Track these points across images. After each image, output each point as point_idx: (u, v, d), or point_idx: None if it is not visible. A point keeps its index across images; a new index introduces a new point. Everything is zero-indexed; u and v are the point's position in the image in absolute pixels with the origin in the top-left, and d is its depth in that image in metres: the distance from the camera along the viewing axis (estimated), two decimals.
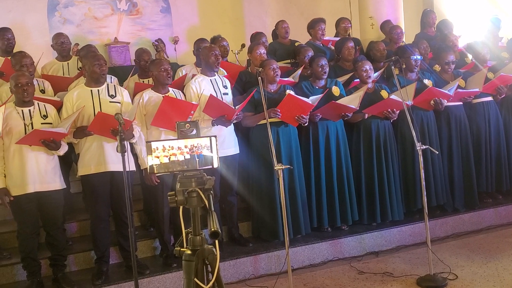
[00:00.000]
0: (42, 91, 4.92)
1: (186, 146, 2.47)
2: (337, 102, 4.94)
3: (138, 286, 3.59)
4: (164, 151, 2.45)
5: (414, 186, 5.35)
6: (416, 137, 4.32)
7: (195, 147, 2.47)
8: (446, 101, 5.31)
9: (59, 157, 4.36)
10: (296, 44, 6.47)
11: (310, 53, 5.68)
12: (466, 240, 5.30)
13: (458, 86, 5.42)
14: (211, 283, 2.49)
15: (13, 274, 4.57)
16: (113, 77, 5.25)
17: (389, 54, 5.87)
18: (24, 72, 4.31)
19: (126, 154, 3.48)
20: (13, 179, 4.11)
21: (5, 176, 4.12)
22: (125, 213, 3.82)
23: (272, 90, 4.97)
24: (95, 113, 4.22)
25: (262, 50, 5.41)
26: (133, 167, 4.41)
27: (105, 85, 4.43)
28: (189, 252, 2.52)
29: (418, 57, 5.40)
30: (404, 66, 5.32)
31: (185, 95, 4.82)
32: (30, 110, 4.17)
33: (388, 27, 6.84)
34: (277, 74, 4.92)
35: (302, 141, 5.14)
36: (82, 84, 4.52)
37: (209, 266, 2.53)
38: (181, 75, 5.34)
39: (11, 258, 4.69)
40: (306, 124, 4.92)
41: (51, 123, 4.23)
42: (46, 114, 4.24)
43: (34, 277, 4.29)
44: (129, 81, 5.21)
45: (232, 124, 4.82)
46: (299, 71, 5.53)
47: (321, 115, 4.99)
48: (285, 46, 6.55)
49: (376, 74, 5.50)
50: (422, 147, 4.26)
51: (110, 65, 7.73)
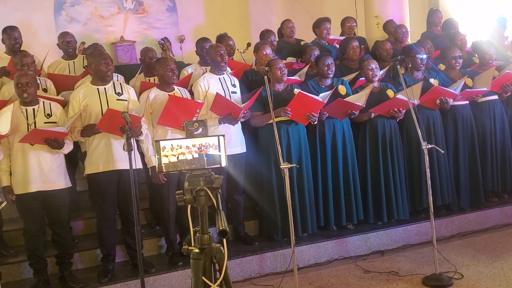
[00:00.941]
0: (45, 90, 4.92)
1: (194, 145, 2.49)
2: (343, 99, 4.94)
3: (144, 284, 3.60)
4: (172, 150, 2.47)
5: (419, 185, 5.35)
6: (422, 136, 4.31)
7: (204, 146, 2.49)
8: (452, 100, 5.30)
9: (64, 155, 4.37)
10: (301, 43, 6.47)
11: (316, 52, 5.69)
12: (471, 239, 5.29)
13: (465, 85, 5.41)
14: (219, 282, 2.51)
15: (20, 271, 4.59)
16: (119, 75, 5.26)
17: (394, 53, 5.86)
18: (26, 71, 4.29)
19: (133, 152, 3.49)
20: (16, 178, 4.13)
21: (10, 174, 4.14)
22: (131, 211, 3.83)
23: (279, 89, 4.98)
24: (102, 111, 4.22)
25: (268, 50, 5.41)
26: (140, 165, 4.42)
27: (111, 83, 4.43)
28: (197, 250, 2.53)
29: (424, 56, 5.39)
30: (410, 65, 5.33)
31: (193, 93, 4.84)
32: (34, 109, 4.17)
33: (391, 27, 6.84)
34: (284, 74, 4.92)
35: (309, 140, 5.13)
36: (88, 82, 4.53)
37: (216, 264, 2.55)
38: (186, 75, 5.35)
39: (18, 255, 4.71)
40: (315, 122, 4.92)
41: (56, 122, 4.22)
42: (50, 113, 4.23)
43: (41, 274, 4.31)
44: (136, 79, 5.22)
45: (239, 122, 4.83)
46: (305, 70, 5.54)
47: (328, 114, 4.99)
48: (290, 45, 6.56)
49: (381, 72, 5.50)
50: (428, 146, 4.26)
51: (116, 63, 7.74)
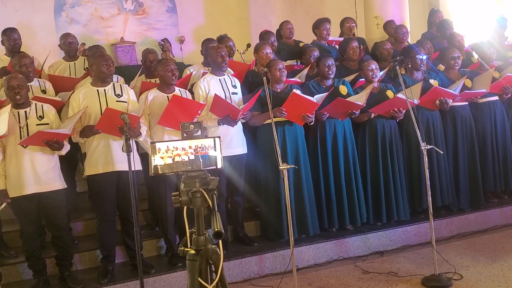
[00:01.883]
0: (44, 91, 4.92)
1: (190, 147, 2.49)
2: (343, 99, 4.93)
3: (144, 285, 3.60)
4: (167, 152, 2.47)
5: (419, 186, 5.34)
6: (421, 137, 4.31)
7: (200, 148, 2.49)
8: (451, 100, 5.30)
9: (64, 156, 4.37)
10: (300, 44, 6.47)
11: (316, 53, 5.68)
12: (471, 240, 5.29)
13: (465, 86, 5.41)
14: (215, 283, 2.51)
15: (20, 272, 4.60)
16: (119, 77, 5.26)
17: (394, 53, 5.86)
18: (16, 74, 4.27)
19: (132, 153, 3.49)
20: (10, 181, 4.12)
21: (5, 177, 4.13)
22: (131, 212, 3.83)
23: (278, 90, 4.98)
24: (102, 112, 4.21)
25: (269, 50, 5.41)
26: (139, 167, 4.42)
27: (111, 84, 4.44)
28: (193, 252, 2.54)
29: (424, 56, 5.39)
30: (410, 65, 5.33)
31: (193, 94, 4.85)
32: (26, 112, 4.15)
33: (391, 27, 6.83)
34: (283, 74, 4.92)
35: (310, 140, 5.14)
36: (88, 84, 4.54)
37: (212, 266, 2.55)
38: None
39: (18, 256, 4.72)
40: (312, 123, 4.92)
41: (48, 124, 4.20)
42: (42, 114, 4.21)
43: (40, 275, 4.32)
44: (136, 80, 5.23)
45: (240, 123, 4.83)
46: (305, 71, 5.54)
47: (328, 114, 4.99)
48: (289, 46, 6.55)
49: (381, 73, 5.50)
50: (427, 147, 4.27)
51: (116, 64, 7.72)
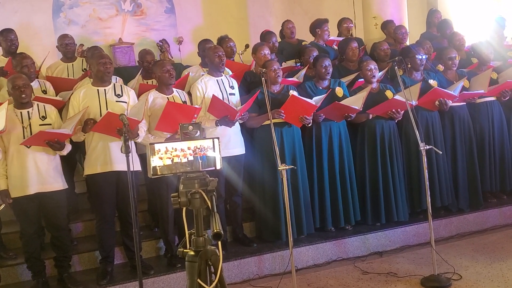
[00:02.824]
0: (44, 92, 4.93)
1: (189, 148, 2.49)
2: (340, 102, 4.94)
3: (143, 286, 3.60)
4: (166, 153, 2.47)
5: (418, 186, 5.34)
6: (419, 137, 4.31)
7: (198, 149, 2.49)
8: (451, 101, 5.30)
9: (63, 157, 4.38)
10: (303, 43, 6.46)
11: (315, 53, 5.67)
12: (470, 240, 5.29)
13: (463, 87, 5.41)
14: (214, 284, 2.51)
15: (18, 274, 4.59)
16: (118, 77, 5.26)
17: (394, 54, 5.85)
18: (21, 74, 4.30)
19: (130, 154, 3.49)
20: (12, 181, 4.12)
21: (7, 177, 4.14)
22: (130, 213, 3.83)
23: (275, 91, 4.98)
24: (101, 112, 4.24)
25: (267, 51, 5.40)
26: (138, 167, 4.42)
27: (111, 84, 4.45)
28: (192, 253, 2.54)
29: (423, 56, 5.40)
30: (409, 66, 5.33)
31: (191, 95, 4.84)
32: (28, 112, 4.18)
33: (390, 28, 6.82)
34: (278, 75, 4.92)
35: (305, 141, 5.14)
36: (88, 83, 4.55)
37: (212, 267, 2.55)
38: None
39: (17, 258, 4.71)
40: (309, 124, 4.93)
41: (50, 124, 4.23)
42: (45, 115, 4.23)
43: (39, 277, 4.31)
44: (136, 82, 5.21)
45: (238, 124, 4.84)
46: (303, 72, 5.54)
47: (324, 116, 4.99)
48: (292, 46, 6.54)
49: (380, 73, 5.50)
50: (426, 148, 4.27)
51: (115, 65, 7.72)
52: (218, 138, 2.52)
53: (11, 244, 4.96)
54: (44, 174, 4.17)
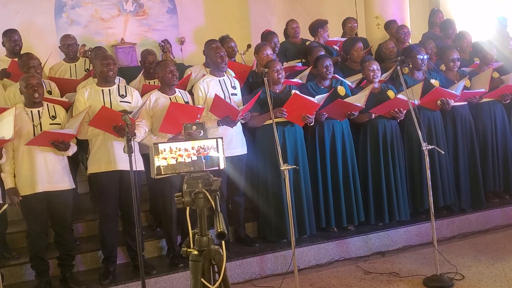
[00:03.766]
0: (49, 92, 4.95)
1: (193, 148, 2.50)
2: (343, 100, 4.94)
3: (145, 286, 3.61)
4: (171, 153, 2.47)
5: (420, 186, 5.34)
6: (422, 137, 4.31)
7: (202, 149, 2.49)
8: (453, 101, 5.30)
9: (67, 157, 4.39)
10: (307, 43, 6.44)
11: (322, 53, 5.62)
12: (472, 240, 5.29)
13: (464, 86, 5.41)
14: (218, 283, 2.51)
15: (21, 273, 4.60)
16: (121, 78, 5.25)
17: (396, 54, 5.85)
18: (33, 73, 4.36)
19: (133, 154, 3.50)
20: (22, 179, 4.15)
21: (14, 176, 4.16)
22: (133, 213, 3.83)
23: (277, 90, 4.98)
24: None
25: (269, 51, 5.40)
26: (141, 167, 4.44)
27: (115, 85, 4.47)
28: (196, 252, 2.54)
29: (425, 56, 5.40)
30: (411, 66, 5.33)
31: (193, 95, 4.85)
32: (39, 111, 4.22)
33: (393, 27, 6.82)
34: (281, 76, 4.92)
35: (308, 140, 5.14)
36: (93, 83, 4.56)
37: (215, 266, 2.55)
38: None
39: (20, 258, 4.73)
40: (312, 123, 4.93)
41: (60, 124, 4.27)
42: (54, 114, 4.28)
43: (43, 276, 4.32)
44: (139, 82, 5.21)
45: (240, 124, 4.84)
46: (307, 72, 5.53)
47: (327, 114, 4.99)
48: (296, 46, 6.52)
49: (385, 74, 5.50)
50: (428, 147, 4.27)
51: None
52: (221, 138, 2.52)
53: (14, 244, 4.99)
54: (53, 173, 4.20)
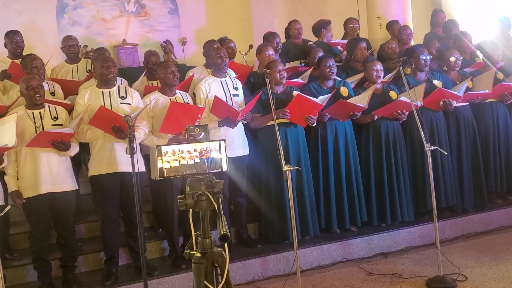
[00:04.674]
0: (52, 94, 4.95)
1: (195, 150, 2.49)
2: (346, 100, 4.93)
3: (147, 287, 3.61)
4: (174, 155, 2.47)
5: (423, 187, 5.33)
6: (424, 138, 4.31)
7: (205, 151, 2.49)
8: (455, 102, 5.29)
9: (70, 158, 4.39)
10: (308, 44, 6.43)
11: (321, 53, 5.63)
12: (475, 241, 5.28)
13: (466, 87, 5.39)
14: (221, 286, 2.51)
15: (24, 275, 4.61)
16: (122, 79, 5.25)
17: (398, 54, 5.84)
18: (34, 75, 4.36)
19: (135, 155, 3.50)
20: (25, 181, 4.15)
21: (17, 178, 4.16)
22: (134, 214, 3.84)
23: (278, 91, 4.97)
24: None
25: (271, 52, 5.40)
26: (142, 168, 4.43)
27: (116, 86, 4.47)
28: (198, 254, 2.54)
29: (428, 56, 5.38)
30: (413, 66, 5.33)
31: (194, 96, 4.84)
32: (40, 113, 4.22)
33: (395, 28, 6.80)
34: (283, 77, 4.91)
35: (311, 141, 5.13)
36: (93, 85, 4.56)
37: (218, 268, 2.55)
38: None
39: (22, 259, 4.73)
40: (314, 124, 4.92)
41: (62, 125, 4.26)
42: (56, 115, 4.27)
43: (45, 278, 4.33)
44: (141, 83, 5.21)
45: (241, 125, 4.83)
46: (309, 72, 5.52)
47: (329, 115, 4.98)
48: (298, 46, 6.50)
49: (389, 75, 5.49)
50: (430, 148, 4.26)
51: (119, 66, 7.74)
52: (224, 140, 2.52)
53: (17, 245, 4.98)
54: (56, 174, 4.20)
